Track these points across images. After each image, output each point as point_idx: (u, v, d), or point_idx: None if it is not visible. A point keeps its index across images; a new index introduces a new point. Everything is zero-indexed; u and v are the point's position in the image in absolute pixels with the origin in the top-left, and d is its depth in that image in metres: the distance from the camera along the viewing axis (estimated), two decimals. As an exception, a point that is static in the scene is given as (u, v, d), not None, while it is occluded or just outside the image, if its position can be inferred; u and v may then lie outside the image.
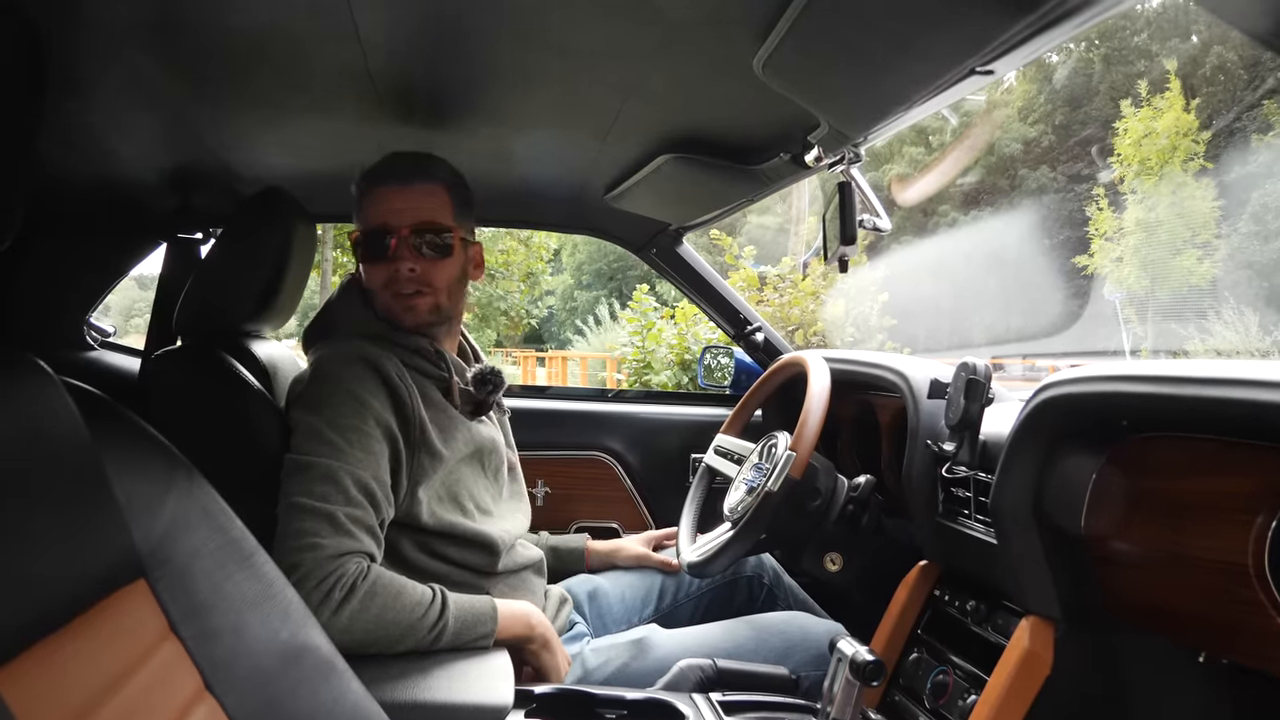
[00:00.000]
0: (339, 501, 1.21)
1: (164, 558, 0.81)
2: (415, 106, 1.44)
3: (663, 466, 2.38)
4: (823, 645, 1.46)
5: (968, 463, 1.34)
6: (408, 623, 1.20)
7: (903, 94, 1.02)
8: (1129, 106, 19.64)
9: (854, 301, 11.41)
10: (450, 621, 1.23)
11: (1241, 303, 17.30)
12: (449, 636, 1.23)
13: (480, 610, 1.28)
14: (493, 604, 1.29)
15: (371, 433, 1.28)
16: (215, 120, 1.53)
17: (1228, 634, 0.97)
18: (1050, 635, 1.17)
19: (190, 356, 1.45)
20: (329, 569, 1.17)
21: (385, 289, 1.42)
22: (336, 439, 1.25)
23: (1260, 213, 19.75)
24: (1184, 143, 18.72)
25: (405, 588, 1.23)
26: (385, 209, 1.42)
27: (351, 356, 1.33)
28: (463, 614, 1.25)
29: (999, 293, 21.35)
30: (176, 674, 0.80)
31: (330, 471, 1.22)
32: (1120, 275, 18.86)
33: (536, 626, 1.35)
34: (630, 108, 1.36)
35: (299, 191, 1.59)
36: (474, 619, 1.26)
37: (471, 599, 1.29)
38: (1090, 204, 20.30)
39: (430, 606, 1.23)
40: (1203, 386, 0.90)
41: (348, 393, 1.28)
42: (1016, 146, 27.12)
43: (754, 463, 1.67)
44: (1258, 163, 20.03)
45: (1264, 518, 0.90)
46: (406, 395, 1.33)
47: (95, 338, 2.16)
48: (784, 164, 1.44)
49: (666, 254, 2.29)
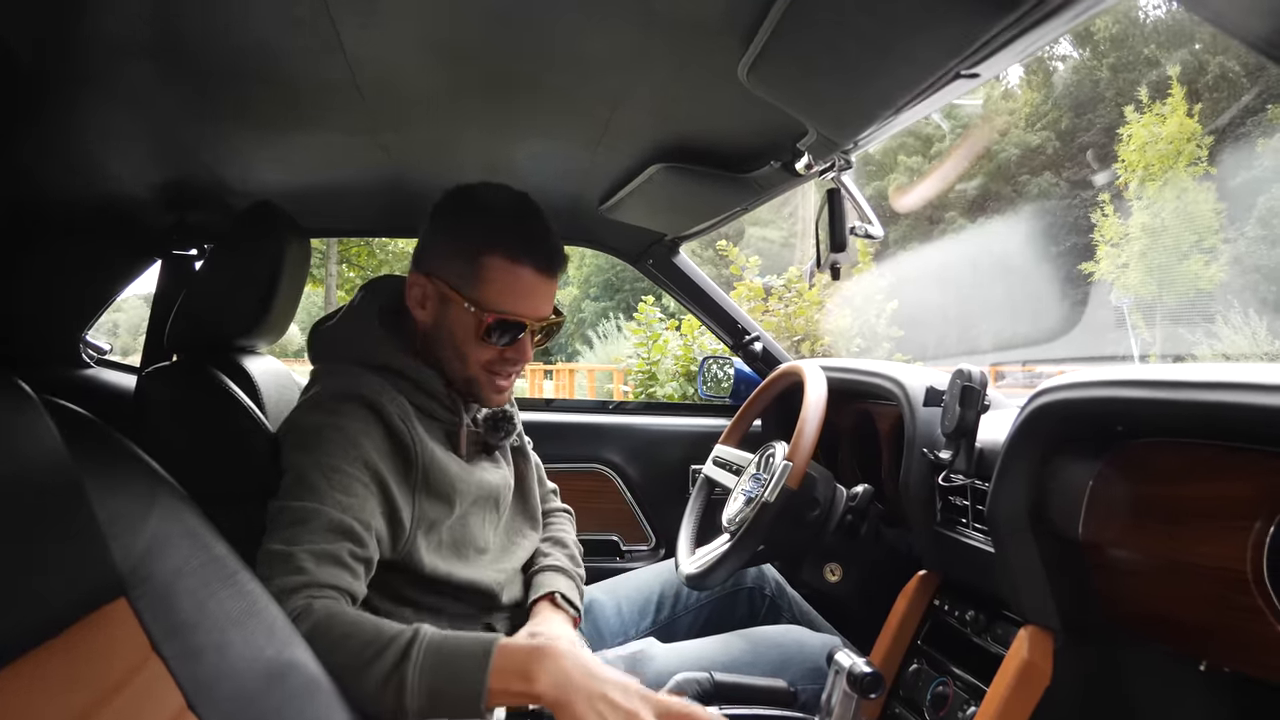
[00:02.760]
0: (301, 541, 1.10)
1: (145, 576, 0.80)
2: (405, 120, 1.44)
3: (663, 478, 2.37)
4: (819, 658, 1.44)
5: (964, 471, 1.32)
6: (352, 667, 0.99)
7: (888, 98, 1.01)
8: (1132, 112, 19.64)
9: (860, 312, 11.38)
10: (414, 673, 0.99)
11: (1249, 307, 17.24)
12: (416, 694, 0.99)
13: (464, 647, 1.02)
14: (488, 642, 1.03)
15: (357, 475, 1.18)
16: (208, 137, 1.54)
17: (1228, 642, 0.96)
18: (1049, 645, 1.15)
19: (182, 372, 1.45)
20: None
21: (485, 368, 1.32)
22: (318, 481, 1.15)
23: (1267, 216, 19.70)
24: (1188, 147, 18.70)
25: (362, 625, 1.04)
26: (529, 301, 1.29)
27: (349, 393, 1.23)
28: (437, 649, 1.02)
29: (1006, 300, 21.32)
30: (158, 693, 0.79)
31: (302, 514, 1.13)
32: (1126, 281, 18.82)
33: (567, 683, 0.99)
34: (620, 117, 1.36)
35: (293, 206, 1.59)
36: (452, 666, 1.01)
37: (467, 636, 1.05)
38: (1095, 210, 20.28)
39: (388, 646, 1.01)
40: (1199, 391, 0.88)
41: (337, 430, 1.19)
42: (1019, 153, 27.15)
43: (752, 473, 1.66)
44: (1263, 167, 20.00)
45: (1262, 524, 0.89)
46: (409, 439, 1.24)
47: (91, 355, 2.16)
48: (774, 172, 1.43)
49: (663, 264, 2.29)
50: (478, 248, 1.26)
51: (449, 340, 1.31)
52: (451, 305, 1.29)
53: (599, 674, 1.00)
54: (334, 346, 1.36)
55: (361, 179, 1.84)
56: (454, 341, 1.30)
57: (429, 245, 1.32)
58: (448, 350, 1.31)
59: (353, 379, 1.26)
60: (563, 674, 0.99)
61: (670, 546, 2.31)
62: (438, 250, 1.30)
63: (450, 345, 1.31)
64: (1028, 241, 23.25)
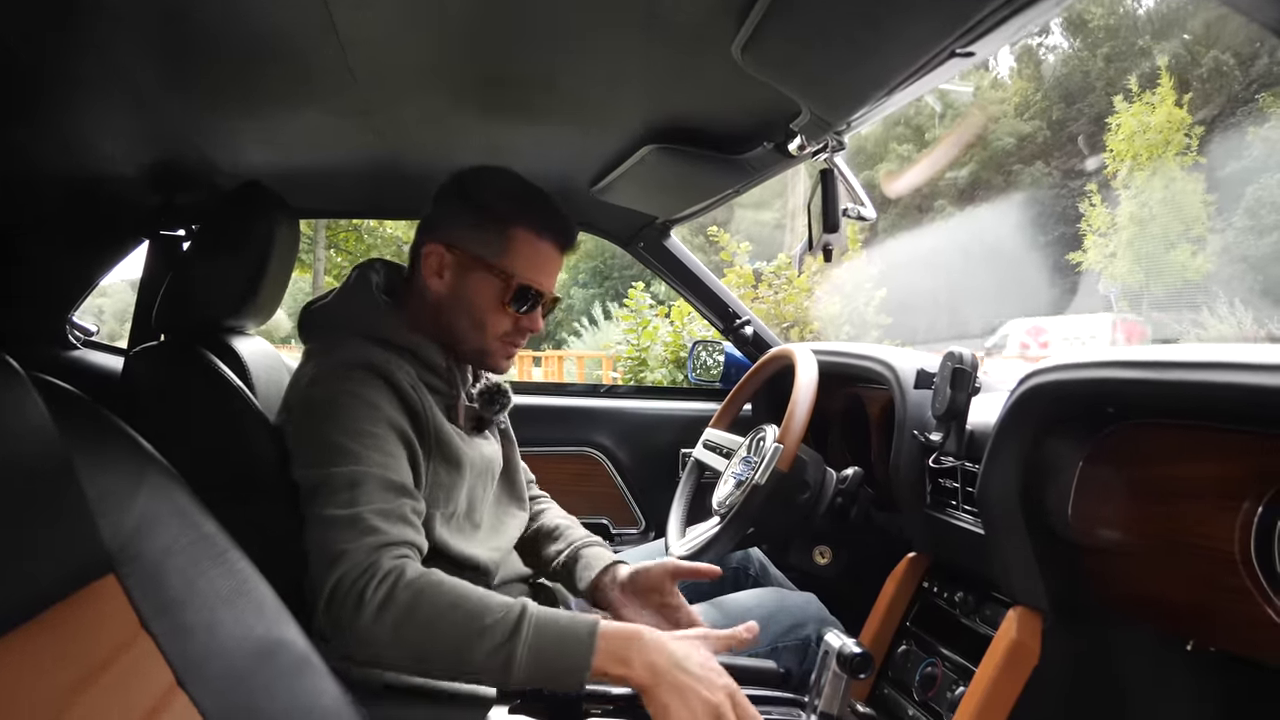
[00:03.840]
0: (361, 503, 1.11)
1: (134, 553, 0.80)
2: (395, 100, 1.43)
3: (653, 462, 2.37)
4: (798, 617, 1.44)
5: (955, 453, 1.33)
6: (459, 637, 1.02)
7: (882, 78, 1.01)
8: (1121, 102, 19.66)
9: (850, 299, 11.40)
10: (523, 649, 1.01)
11: (1235, 297, 17.33)
12: (523, 666, 1.01)
13: (572, 629, 1.04)
14: (592, 624, 1.04)
15: (386, 435, 1.19)
16: (196, 116, 1.52)
17: (1215, 622, 0.96)
18: (1038, 626, 1.16)
19: (169, 353, 1.44)
20: (360, 571, 1.05)
21: (499, 338, 1.35)
22: (352, 446, 1.16)
23: (1254, 207, 19.78)
24: (1176, 137, 18.75)
25: (466, 594, 1.05)
26: (545, 270, 1.35)
27: (355, 361, 1.23)
28: (545, 628, 1.03)
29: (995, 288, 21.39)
30: (147, 670, 0.79)
31: (350, 477, 1.13)
32: (1114, 270, 18.89)
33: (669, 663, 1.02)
34: (612, 97, 1.35)
35: (283, 187, 1.57)
36: (559, 646, 1.02)
37: (568, 617, 1.05)
38: (1083, 200, 20.33)
39: (498, 620, 1.03)
40: (1190, 371, 0.89)
41: (353, 396, 1.20)
42: (1011, 142, 27.19)
43: (742, 456, 1.66)
44: (1251, 156, 20.07)
45: (1250, 504, 0.89)
46: (419, 405, 1.26)
47: (78, 337, 2.14)
48: (767, 153, 1.43)
49: (654, 247, 2.29)
50: (508, 220, 1.31)
51: (468, 309, 1.33)
52: (474, 274, 1.32)
53: (688, 666, 1.03)
54: (332, 322, 1.37)
55: (352, 160, 1.82)
56: (474, 310, 1.33)
57: (448, 216, 1.35)
58: (465, 319, 1.34)
59: (357, 349, 1.26)
60: (655, 662, 1.02)
61: (660, 530, 2.31)
62: (460, 221, 1.33)
63: (469, 314, 1.34)
64: (1017, 230, 23.30)
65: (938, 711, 1.28)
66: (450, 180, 1.36)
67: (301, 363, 1.34)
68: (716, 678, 1.03)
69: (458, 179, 1.36)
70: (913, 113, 29.67)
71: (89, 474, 0.77)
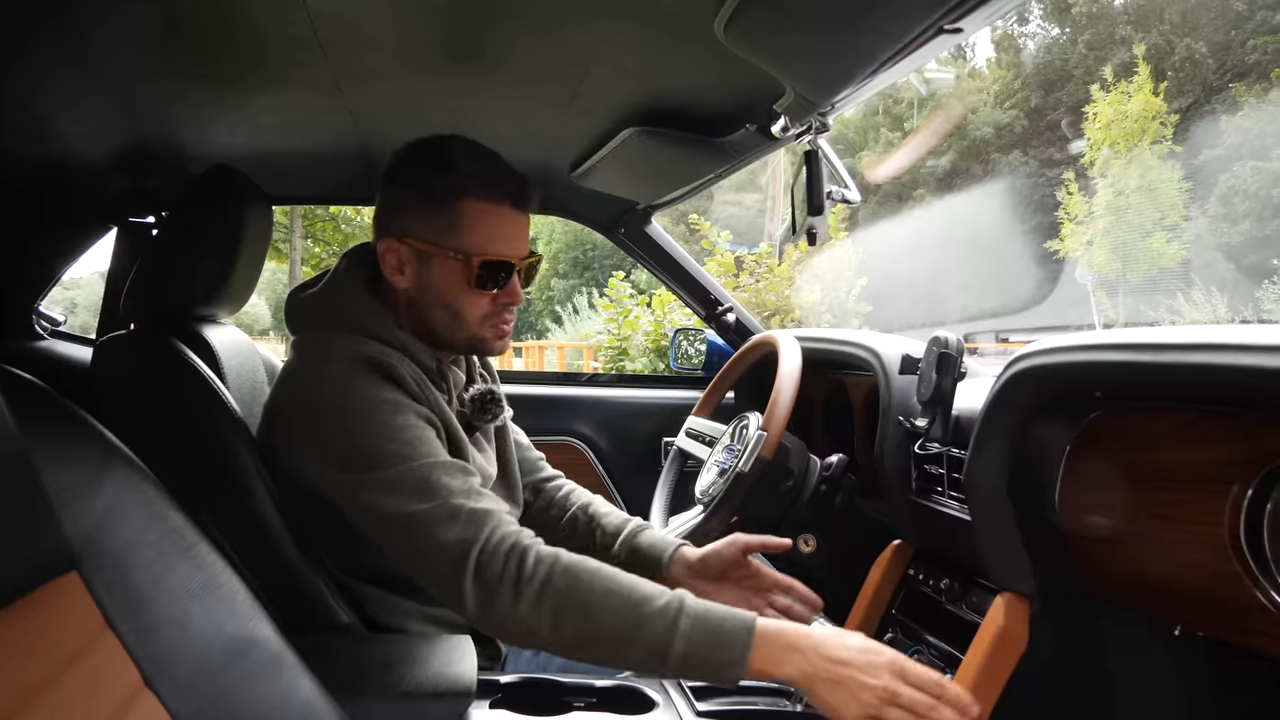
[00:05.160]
0: (443, 493, 1.06)
1: (98, 549, 0.78)
2: (370, 82, 1.40)
3: (635, 451, 2.36)
4: None
5: (940, 439, 1.31)
6: (618, 628, 0.99)
7: (868, 55, 0.98)
8: (1098, 91, 19.81)
9: (831, 288, 11.42)
10: (680, 643, 0.98)
11: (1210, 284, 17.54)
12: (677, 663, 0.99)
13: (728, 625, 1.00)
14: (749, 621, 1.01)
15: (418, 424, 1.14)
16: (163, 97, 1.48)
17: (1203, 607, 0.96)
18: (1025, 612, 1.15)
19: (137, 342, 1.40)
20: (494, 552, 1.02)
21: (484, 320, 1.26)
22: (390, 446, 1.10)
23: (1228, 195, 20.03)
24: (1152, 125, 18.91)
25: (617, 579, 1.02)
26: (506, 236, 1.25)
27: (358, 358, 1.17)
28: (703, 622, 1.00)
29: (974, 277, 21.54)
30: (113, 669, 0.76)
31: (411, 476, 1.08)
32: (1091, 258, 19.06)
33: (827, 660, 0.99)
34: (592, 78, 1.32)
35: (255, 171, 1.54)
36: (717, 642, 0.99)
37: (723, 611, 1.02)
38: (1060, 188, 20.49)
39: (658, 611, 1.00)
40: (1178, 353, 0.87)
41: (368, 397, 1.14)
42: (990, 131, 27.35)
43: (725, 444, 1.65)
44: (1225, 145, 20.30)
45: (1239, 487, 0.88)
46: (426, 399, 1.20)
47: (45, 327, 2.10)
48: (750, 135, 1.40)
49: (635, 234, 2.26)
50: (452, 195, 1.22)
51: (437, 299, 1.25)
52: (434, 261, 1.23)
53: (843, 657, 0.98)
54: (322, 315, 1.28)
55: (327, 144, 1.79)
56: (443, 299, 1.25)
57: (394, 206, 1.27)
58: (438, 311, 1.26)
59: (354, 345, 1.19)
60: (809, 663, 0.98)
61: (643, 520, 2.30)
62: (406, 209, 1.25)
63: (440, 304, 1.25)
64: (996, 219, 23.46)
65: (924, 700, 1.27)
66: (390, 162, 1.28)
67: (294, 357, 1.26)
68: (876, 658, 0.98)
69: (397, 160, 1.27)
70: (892, 102, 29.79)
71: (49, 466, 0.74)
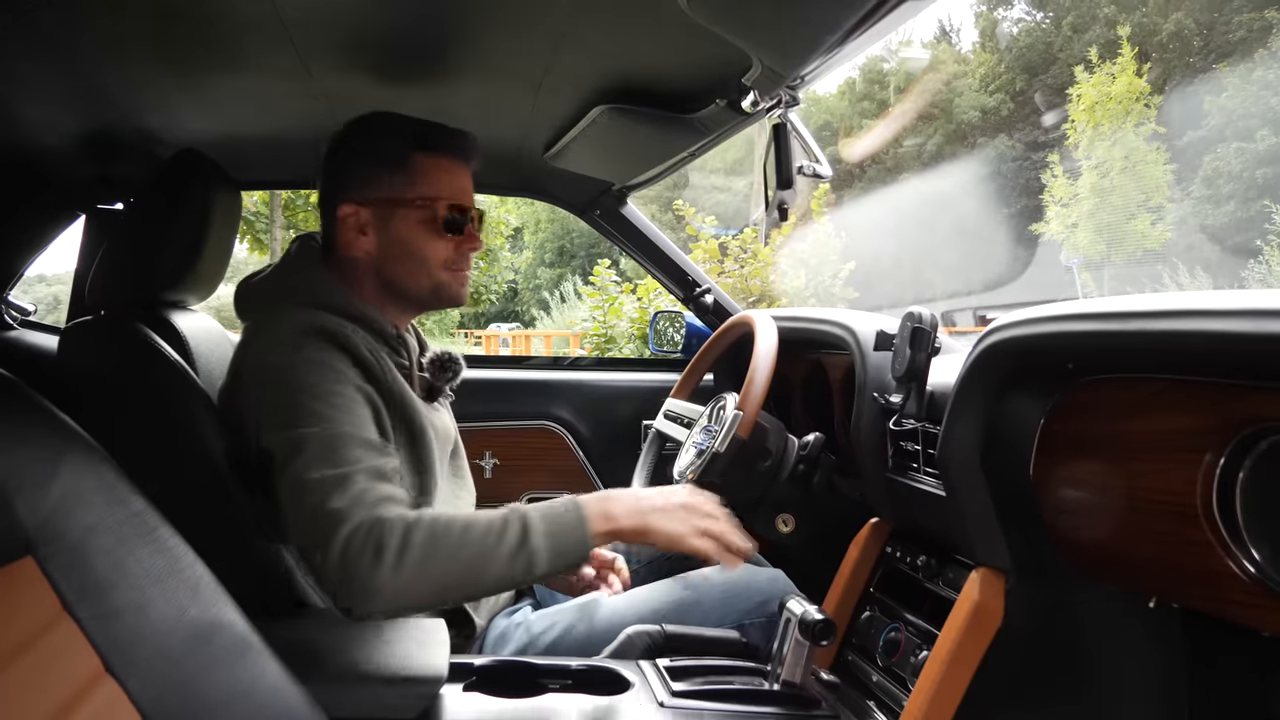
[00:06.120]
0: (350, 462, 1.09)
1: (54, 534, 0.76)
2: (335, 62, 1.38)
3: (615, 435, 2.34)
4: (765, 594, 1.43)
5: (915, 414, 1.30)
6: (480, 555, 1.06)
7: (832, 22, 0.96)
8: (1082, 72, 19.83)
9: (816, 272, 11.44)
10: (540, 541, 1.08)
11: (1196, 265, 17.63)
12: (544, 561, 1.08)
13: (564, 517, 1.11)
14: (574, 502, 1.13)
15: (353, 396, 1.17)
16: (128, 82, 1.46)
17: (1177, 577, 0.95)
18: (1000, 587, 1.14)
19: (103, 328, 1.38)
20: (369, 528, 1.04)
21: (446, 266, 1.34)
22: (320, 407, 1.12)
23: (1212, 177, 20.13)
24: (1136, 107, 18.93)
25: (470, 519, 1.09)
26: (460, 186, 1.34)
27: (309, 328, 1.19)
28: (550, 525, 1.10)
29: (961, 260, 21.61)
30: (71, 656, 0.75)
31: (329, 440, 1.10)
32: (1076, 241, 19.12)
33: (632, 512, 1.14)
34: (560, 55, 1.31)
35: (225, 157, 1.52)
36: (562, 527, 1.10)
37: (551, 507, 1.12)
38: (1045, 171, 20.53)
39: (507, 526, 1.08)
40: (1144, 320, 0.87)
41: (312, 361, 1.16)
42: (976, 115, 27.38)
43: (703, 425, 1.64)
44: (1209, 127, 20.37)
45: (1212, 456, 0.87)
46: (379, 369, 1.23)
47: (15, 317, 2.07)
48: (721, 111, 1.39)
49: (610, 215, 2.24)
50: (405, 153, 1.31)
51: (404, 251, 1.32)
52: (396, 215, 1.31)
53: (656, 500, 1.17)
54: (276, 294, 1.32)
55: (297, 127, 1.76)
56: (410, 249, 1.32)
57: (346, 173, 1.33)
58: (405, 264, 1.32)
59: (307, 316, 1.22)
60: (636, 511, 1.15)
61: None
62: (359, 174, 1.32)
63: (407, 256, 1.32)
64: (982, 202, 23.53)
65: (902, 677, 1.27)
66: (332, 141, 1.35)
67: (246, 335, 1.28)
68: (674, 495, 1.18)
69: (340, 137, 1.35)
70: (878, 88, 29.83)
71: (2, 451, 0.73)
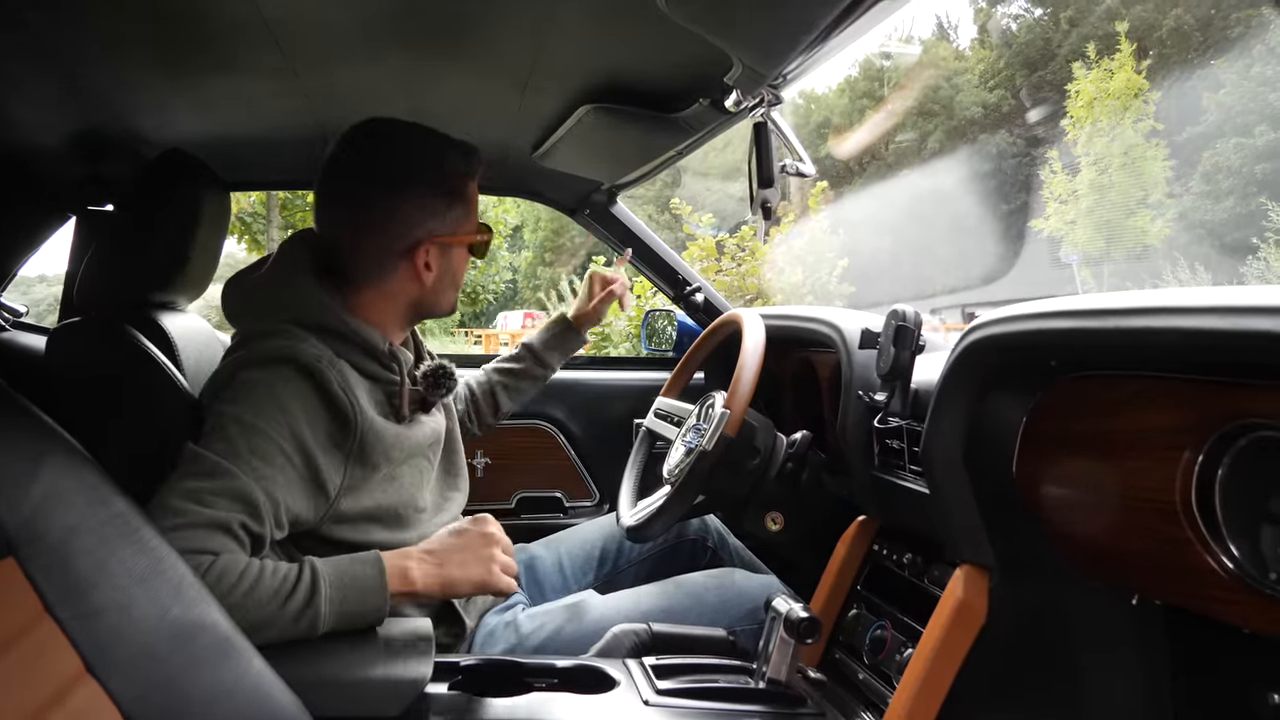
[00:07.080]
0: (202, 502, 1.05)
1: (35, 534, 0.76)
2: (321, 61, 1.37)
3: (606, 433, 2.35)
4: (757, 600, 1.43)
5: (900, 412, 1.31)
6: (266, 613, 1.02)
7: (809, 21, 0.96)
8: (1080, 69, 19.79)
9: (812, 270, 11.42)
10: (326, 606, 1.05)
11: (1195, 261, 17.61)
12: (329, 619, 1.06)
13: (361, 578, 1.10)
14: (379, 566, 1.12)
15: (279, 444, 1.12)
16: (117, 83, 1.46)
17: (1159, 574, 0.95)
18: (984, 584, 1.15)
19: (91, 330, 1.39)
20: (180, 543, 0.99)
21: (454, 287, 1.38)
22: (237, 440, 1.10)
23: (1211, 172, 20.10)
24: (1135, 103, 18.90)
25: (262, 576, 1.04)
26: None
27: (284, 356, 1.16)
28: (341, 591, 1.08)
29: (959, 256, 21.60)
30: (52, 657, 0.76)
31: (213, 469, 1.07)
32: (1075, 238, 19.10)
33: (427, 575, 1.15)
34: (545, 54, 1.31)
35: (214, 158, 1.52)
36: (356, 589, 1.08)
37: (354, 563, 1.11)
38: (1045, 167, 20.50)
39: (294, 593, 1.05)
40: (1121, 318, 0.87)
41: (268, 391, 1.14)
42: (978, 111, 27.35)
43: (692, 424, 1.64)
44: (1208, 122, 20.34)
45: (1191, 453, 0.88)
46: (349, 408, 1.18)
47: (7, 318, 2.07)
48: (705, 110, 1.39)
49: (600, 214, 2.24)
50: (460, 179, 1.31)
51: (453, 281, 1.36)
52: (455, 250, 1.34)
53: (447, 543, 1.20)
54: (264, 304, 1.27)
55: (285, 127, 1.76)
56: (457, 278, 1.37)
57: (416, 208, 1.28)
58: (450, 292, 1.36)
59: (289, 340, 1.18)
60: (427, 571, 1.16)
61: (614, 502, 2.29)
62: (427, 208, 1.28)
63: (454, 285, 1.37)
64: (981, 199, 23.51)
65: (887, 674, 1.27)
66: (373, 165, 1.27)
67: (234, 345, 1.26)
68: (468, 530, 1.21)
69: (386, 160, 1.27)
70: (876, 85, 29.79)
71: None
